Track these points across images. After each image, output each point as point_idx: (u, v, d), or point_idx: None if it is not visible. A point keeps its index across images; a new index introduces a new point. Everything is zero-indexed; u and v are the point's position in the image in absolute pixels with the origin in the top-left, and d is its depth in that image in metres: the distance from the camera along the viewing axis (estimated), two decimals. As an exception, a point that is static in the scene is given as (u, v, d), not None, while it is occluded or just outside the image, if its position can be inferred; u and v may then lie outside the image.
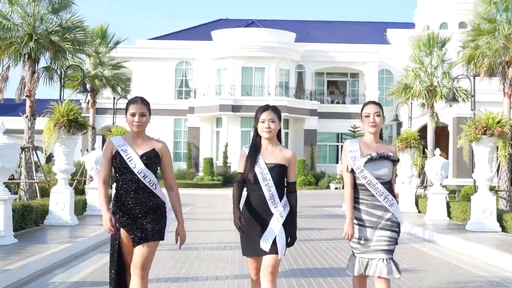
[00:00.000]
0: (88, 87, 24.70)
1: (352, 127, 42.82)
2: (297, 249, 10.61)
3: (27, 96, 16.52)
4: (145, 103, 4.90)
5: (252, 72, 44.38)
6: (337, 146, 46.50)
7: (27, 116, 16.33)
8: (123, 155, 4.82)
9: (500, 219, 13.31)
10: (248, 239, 4.91)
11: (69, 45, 16.43)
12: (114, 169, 4.90)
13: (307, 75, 47.35)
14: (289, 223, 4.90)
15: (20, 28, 16.39)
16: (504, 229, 13.18)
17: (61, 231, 12.08)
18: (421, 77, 23.63)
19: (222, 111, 42.30)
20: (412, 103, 25.22)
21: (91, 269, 8.66)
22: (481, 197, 13.41)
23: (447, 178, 18.97)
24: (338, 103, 47.96)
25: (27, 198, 15.56)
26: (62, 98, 18.01)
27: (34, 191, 16.10)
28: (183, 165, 44.62)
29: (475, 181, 15.86)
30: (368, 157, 4.89)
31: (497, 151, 14.32)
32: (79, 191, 19.80)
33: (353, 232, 4.89)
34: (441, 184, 16.86)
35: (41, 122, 17.82)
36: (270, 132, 4.92)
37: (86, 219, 14.62)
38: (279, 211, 4.84)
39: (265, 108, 4.98)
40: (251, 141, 5.05)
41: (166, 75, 46.39)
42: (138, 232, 4.78)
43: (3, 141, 9.86)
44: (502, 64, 17.86)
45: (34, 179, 16.16)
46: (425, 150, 22.63)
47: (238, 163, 5.07)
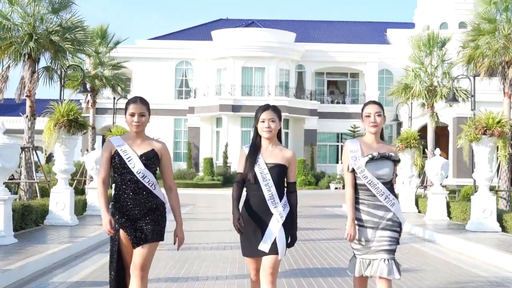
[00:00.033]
0: (88, 87, 24.70)
1: (352, 127, 42.82)
2: (297, 249, 10.61)
3: (27, 96, 16.52)
4: (144, 103, 4.86)
5: (252, 72, 44.37)
6: (337, 146, 46.49)
7: (27, 116, 16.32)
8: (122, 155, 4.77)
9: (500, 219, 13.31)
10: (248, 239, 4.87)
11: (69, 45, 16.42)
12: (113, 170, 4.85)
13: (307, 75, 47.34)
14: (289, 224, 4.86)
15: (20, 28, 16.38)
16: (504, 229, 13.18)
17: (61, 231, 12.08)
18: (421, 77, 23.63)
19: (222, 111, 42.30)
20: (412, 103, 25.22)
21: (91, 269, 8.66)
22: (481, 197, 13.41)
23: (447, 178, 18.97)
24: (338, 103, 47.96)
25: (27, 198, 15.56)
26: (62, 98, 18.02)
27: (34, 191, 16.10)
28: (183, 165, 44.61)
29: (475, 181, 15.85)
30: (370, 156, 4.85)
31: (497, 151, 14.32)
32: (79, 191, 19.79)
33: (355, 233, 4.84)
34: (441, 184, 16.86)
35: (41, 122, 17.81)
36: (270, 131, 4.88)
37: (86, 219, 14.61)
38: (278, 211, 4.80)
39: (265, 108, 4.93)
40: (251, 141, 5.00)
41: (166, 75, 46.38)
42: (138, 233, 4.74)
43: (3, 141, 9.85)
44: (502, 64, 17.85)
45: (34, 179, 16.16)
46: (425, 150, 22.62)
47: (238, 163, 5.03)
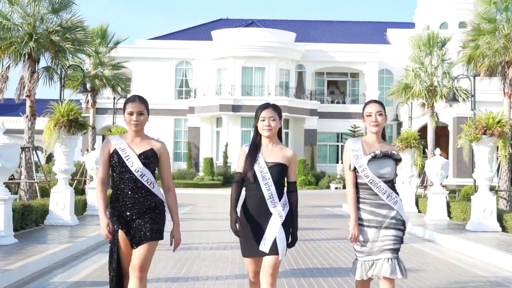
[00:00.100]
0: (88, 87, 24.70)
1: (352, 127, 42.82)
2: (297, 249, 10.61)
3: (27, 96, 16.51)
4: (142, 101, 4.82)
5: (252, 72, 44.37)
6: (337, 146, 46.49)
7: (27, 116, 16.32)
8: (121, 153, 4.74)
9: (500, 219, 13.31)
10: (248, 240, 4.82)
11: (69, 45, 16.42)
12: (111, 168, 4.80)
13: (307, 75, 47.34)
14: (289, 223, 4.82)
15: (20, 28, 16.37)
16: (504, 229, 13.18)
17: (61, 231, 12.08)
18: (421, 77, 23.62)
19: (222, 111, 42.30)
20: (412, 103, 25.22)
21: (91, 269, 8.66)
22: (481, 197, 13.41)
23: (447, 178, 18.96)
24: (338, 103, 47.96)
25: (27, 198, 15.56)
26: (62, 98, 18.01)
27: (34, 191, 16.09)
28: (183, 165, 44.61)
29: (475, 181, 15.85)
30: (372, 154, 4.79)
31: (497, 151, 14.31)
32: (79, 191, 19.78)
33: (359, 233, 4.77)
34: (441, 184, 16.86)
35: (41, 122, 17.82)
36: (271, 130, 4.83)
37: (86, 219, 14.61)
38: (278, 211, 4.75)
39: (266, 106, 4.89)
40: (251, 140, 4.95)
41: (166, 75, 46.38)
42: (137, 232, 4.71)
43: (3, 141, 9.85)
44: (502, 64, 17.84)
45: (34, 179, 16.15)
46: (425, 150, 22.62)
47: (237, 162, 4.98)
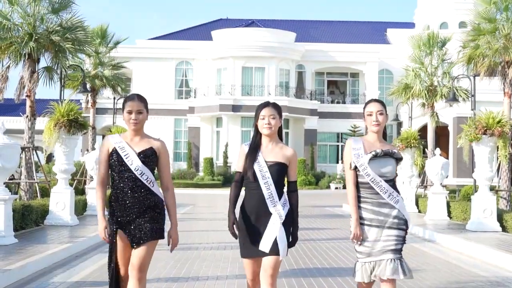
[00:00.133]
0: (88, 87, 24.71)
1: (352, 127, 42.82)
2: (297, 249, 10.60)
3: (27, 96, 16.51)
4: (142, 100, 4.78)
5: (252, 72, 44.37)
6: (337, 146, 46.49)
7: (27, 116, 16.32)
8: (120, 152, 4.70)
9: (500, 218, 13.31)
10: (247, 240, 4.76)
11: (69, 45, 16.42)
12: (111, 168, 4.77)
13: (307, 75, 47.34)
14: (289, 223, 4.77)
15: (20, 28, 16.38)
16: (504, 228, 13.18)
17: (61, 231, 12.08)
18: (421, 77, 23.62)
19: (222, 111, 42.30)
20: (412, 103, 25.22)
21: (91, 269, 8.66)
22: (481, 196, 13.41)
23: (447, 178, 18.96)
24: (338, 103, 47.97)
25: (27, 198, 15.56)
26: (62, 98, 18.02)
27: (35, 191, 16.09)
28: (183, 165, 44.61)
29: (475, 181, 15.84)
30: (373, 153, 4.75)
31: (497, 151, 14.31)
32: (79, 191, 19.78)
33: (361, 232, 4.73)
34: (441, 183, 16.87)
35: (41, 122, 17.81)
36: (271, 128, 4.78)
37: (86, 219, 14.61)
38: (277, 210, 4.70)
39: (266, 105, 4.85)
40: (251, 139, 4.90)
41: (166, 75, 46.38)
42: (137, 232, 4.67)
43: (3, 141, 9.85)
44: (502, 64, 17.84)
45: (34, 179, 16.15)
46: (425, 149, 22.63)
47: (237, 161, 4.94)
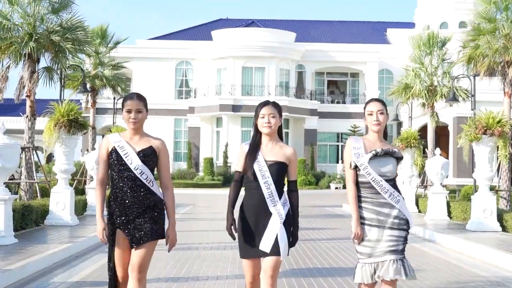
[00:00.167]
0: (88, 87, 24.71)
1: (352, 127, 42.81)
2: (297, 249, 10.60)
3: (27, 96, 16.51)
4: (141, 99, 4.75)
5: (252, 72, 44.36)
6: (337, 145, 46.49)
7: (27, 116, 16.32)
8: (119, 151, 4.68)
9: (500, 218, 13.31)
10: (247, 240, 4.72)
11: (69, 45, 16.41)
12: (110, 167, 4.74)
13: (307, 74, 47.33)
14: (290, 222, 4.74)
15: (20, 28, 16.38)
16: (504, 228, 13.18)
17: (61, 231, 12.08)
18: (421, 76, 23.63)
19: (222, 111, 42.30)
20: (412, 102, 25.23)
21: (91, 269, 8.66)
22: (481, 196, 13.41)
23: (447, 177, 18.96)
24: (338, 102, 47.97)
25: (27, 198, 15.56)
26: (62, 98, 18.02)
27: (35, 191, 16.09)
28: (183, 165, 44.60)
29: (475, 180, 15.85)
30: (373, 152, 4.71)
31: (497, 150, 14.31)
32: (80, 191, 19.79)
33: (362, 232, 4.69)
34: (441, 183, 16.86)
35: (41, 122, 17.82)
36: (271, 127, 4.76)
37: (86, 219, 14.61)
38: (278, 210, 4.67)
39: (265, 103, 4.82)
40: (251, 138, 4.87)
41: (166, 75, 46.37)
42: (136, 232, 4.64)
43: (3, 141, 9.85)
44: (502, 64, 17.84)
45: (35, 179, 16.15)
46: (425, 149, 22.63)
47: (236, 161, 4.90)
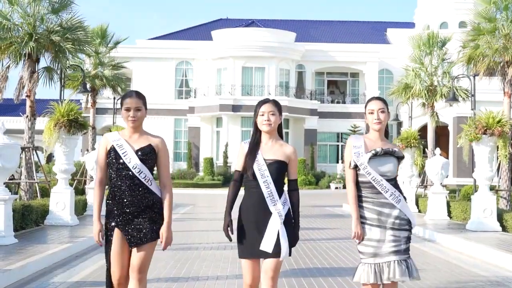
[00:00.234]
0: (88, 87, 24.71)
1: (352, 127, 42.83)
2: (297, 249, 10.59)
3: (27, 96, 16.51)
4: (140, 97, 4.72)
5: (252, 72, 44.37)
6: (337, 145, 46.49)
7: (27, 116, 16.32)
8: (118, 149, 4.64)
9: (500, 218, 13.31)
10: (247, 240, 4.64)
11: (69, 45, 16.41)
12: (109, 165, 4.70)
13: (307, 74, 47.34)
14: (290, 222, 4.68)
15: (20, 28, 16.38)
16: (504, 228, 13.18)
17: (61, 231, 12.08)
18: (421, 76, 23.62)
19: (222, 111, 42.30)
20: (412, 102, 25.21)
21: (91, 269, 8.66)
22: (481, 196, 13.41)
23: (447, 177, 18.96)
24: (338, 102, 47.97)
25: (27, 198, 15.56)
26: (62, 98, 18.02)
27: (35, 191, 16.09)
28: (183, 165, 44.60)
29: (475, 180, 15.85)
30: (373, 152, 4.67)
31: (497, 150, 14.31)
32: (80, 191, 19.79)
33: (362, 231, 4.65)
34: (441, 183, 16.86)
35: (41, 122, 17.82)
36: (270, 125, 4.70)
37: (86, 219, 14.61)
38: (277, 209, 4.61)
39: (265, 101, 4.77)
40: (251, 137, 4.81)
41: (166, 75, 46.37)
42: (135, 232, 4.61)
43: (3, 141, 9.85)
44: (502, 64, 17.83)
45: (35, 179, 16.15)
46: (425, 149, 22.62)
47: (236, 160, 4.85)
